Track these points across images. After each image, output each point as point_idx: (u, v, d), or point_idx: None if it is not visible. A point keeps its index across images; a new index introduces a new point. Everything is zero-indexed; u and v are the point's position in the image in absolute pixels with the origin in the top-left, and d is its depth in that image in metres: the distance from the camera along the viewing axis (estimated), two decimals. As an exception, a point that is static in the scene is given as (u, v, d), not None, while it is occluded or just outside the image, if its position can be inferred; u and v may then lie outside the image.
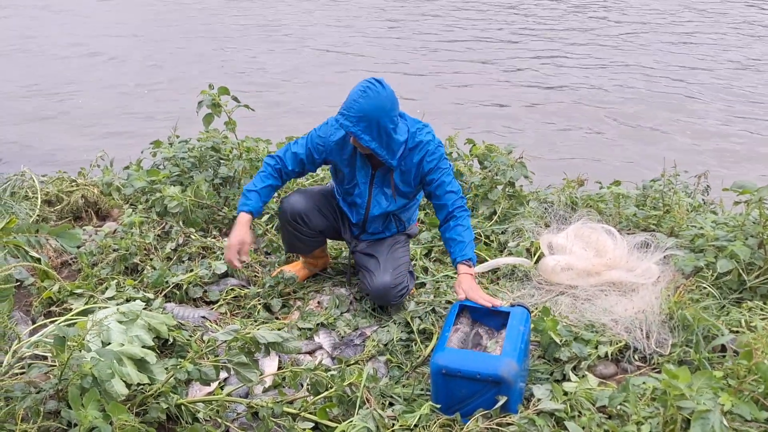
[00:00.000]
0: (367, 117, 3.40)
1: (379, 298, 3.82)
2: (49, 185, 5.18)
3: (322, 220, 3.98)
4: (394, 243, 3.95)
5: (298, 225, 3.93)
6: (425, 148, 3.65)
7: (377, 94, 3.42)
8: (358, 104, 3.40)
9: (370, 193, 3.83)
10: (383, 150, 3.53)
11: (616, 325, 3.53)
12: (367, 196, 3.84)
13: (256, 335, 2.78)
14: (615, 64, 11.45)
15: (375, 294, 3.81)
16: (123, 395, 2.65)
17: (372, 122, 3.42)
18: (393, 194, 3.81)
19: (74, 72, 11.52)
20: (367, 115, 3.40)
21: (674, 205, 4.58)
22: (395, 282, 3.77)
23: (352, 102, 3.42)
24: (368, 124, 3.42)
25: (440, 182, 3.67)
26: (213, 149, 5.10)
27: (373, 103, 3.40)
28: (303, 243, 4.03)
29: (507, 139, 6.40)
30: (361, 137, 3.44)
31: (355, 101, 3.41)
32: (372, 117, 3.41)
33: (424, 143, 3.65)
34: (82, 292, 3.82)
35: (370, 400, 2.96)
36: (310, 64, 11.91)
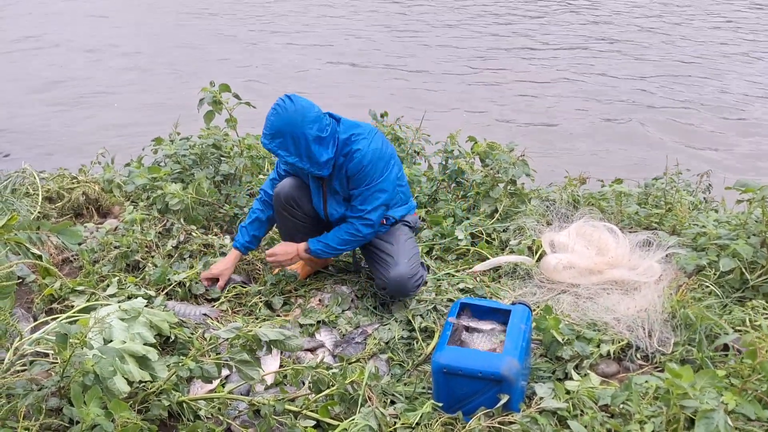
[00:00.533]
0: (280, 133, 3.58)
1: (396, 289, 3.80)
2: (50, 182, 5.17)
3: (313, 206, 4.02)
4: (403, 235, 3.95)
5: (292, 209, 3.97)
6: (354, 156, 3.71)
7: (285, 110, 3.57)
8: (269, 122, 3.60)
9: (325, 201, 3.94)
10: (305, 163, 3.66)
11: (618, 323, 3.53)
12: (322, 204, 3.95)
13: (258, 333, 2.78)
14: (616, 62, 11.42)
15: (392, 285, 3.79)
16: (125, 393, 2.65)
17: (286, 137, 3.58)
18: (339, 200, 3.91)
19: (75, 69, 11.50)
20: (280, 131, 3.57)
21: (676, 203, 4.57)
22: (411, 272, 3.78)
23: (266, 120, 3.61)
24: (282, 139, 3.59)
25: (354, 194, 3.81)
26: (214, 146, 5.09)
27: (282, 120, 3.57)
28: (300, 228, 4.04)
29: (510, 137, 6.38)
30: (278, 152, 3.62)
31: (268, 119, 3.61)
32: (284, 132, 3.57)
33: (353, 152, 3.71)
34: (84, 289, 3.82)
35: (371, 398, 2.96)
36: (312, 62, 11.89)
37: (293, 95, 3.63)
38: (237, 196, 4.84)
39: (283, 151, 3.60)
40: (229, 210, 4.76)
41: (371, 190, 3.75)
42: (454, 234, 4.49)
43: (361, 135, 3.73)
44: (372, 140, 3.74)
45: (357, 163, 3.69)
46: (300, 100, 3.61)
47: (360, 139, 3.72)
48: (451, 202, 4.93)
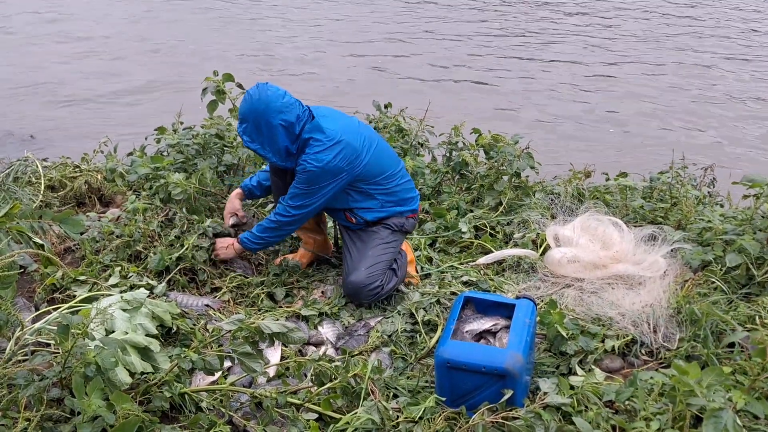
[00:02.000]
0: (245, 118, 3.69)
1: (350, 295, 3.84)
2: (52, 171, 5.15)
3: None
4: (376, 239, 3.90)
5: (276, 179, 4.02)
6: (300, 161, 3.72)
7: (251, 97, 3.67)
8: (241, 107, 3.72)
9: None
10: (267, 151, 3.71)
11: (622, 318, 3.51)
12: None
13: (260, 325, 2.76)
14: (626, 56, 11.39)
15: (345, 290, 3.84)
16: (126, 384, 2.64)
17: (249, 124, 3.68)
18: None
19: (76, 58, 11.48)
20: (245, 116, 3.68)
21: (681, 197, 4.55)
22: (367, 281, 3.75)
23: (242, 103, 3.72)
24: (247, 125, 3.69)
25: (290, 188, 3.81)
26: (217, 136, 5.07)
27: (248, 106, 3.67)
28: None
29: (513, 129, 6.36)
30: (242, 137, 3.74)
31: (241, 105, 3.69)
32: (248, 118, 3.67)
33: (302, 157, 3.71)
34: (86, 279, 3.80)
35: (374, 392, 2.94)
36: (318, 52, 11.87)
37: (264, 84, 3.70)
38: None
39: (246, 136, 3.69)
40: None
41: (302, 189, 3.75)
42: (458, 227, 4.48)
43: (319, 142, 3.67)
44: (325, 151, 3.67)
45: (301, 168, 3.70)
46: (268, 90, 3.65)
47: (314, 145, 3.68)
48: (454, 195, 4.92)
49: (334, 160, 3.67)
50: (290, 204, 3.79)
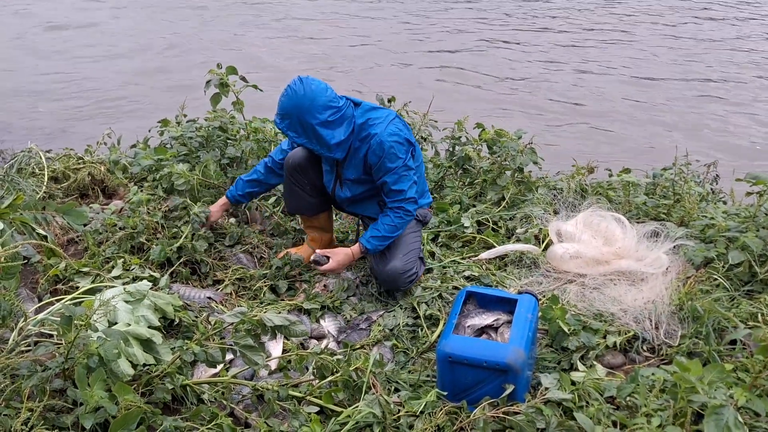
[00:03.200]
0: (288, 115, 3.62)
1: (388, 282, 3.82)
2: (55, 162, 5.16)
3: (321, 177, 4.05)
4: (408, 228, 3.93)
5: (299, 176, 4.01)
6: (370, 141, 3.71)
7: (295, 92, 3.60)
8: (281, 102, 3.65)
9: (335, 184, 3.98)
10: (314, 145, 3.69)
11: (624, 314, 3.51)
12: (332, 184, 3.99)
13: (263, 318, 2.76)
14: (628, 51, 11.37)
15: (383, 278, 3.81)
16: (129, 375, 2.65)
17: (293, 119, 3.62)
18: (349, 183, 3.93)
19: (82, 51, 11.47)
20: (289, 113, 3.62)
21: (684, 194, 4.54)
22: (405, 268, 3.78)
23: (279, 101, 3.63)
24: (291, 121, 3.63)
25: (383, 181, 3.78)
26: (220, 129, 5.06)
27: (291, 102, 3.60)
28: (304, 198, 4.07)
29: (515, 124, 6.35)
30: (287, 133, 3.67)
31: (280, 99, 3.64)
32: (293, 114, 3.61)
33: (371, 136, 3.71)
34: (89, 270, 3.81)
35: (376, 386, 2.95)
36: (322, 46, 11.86)
37: (306, 77, 3.64)
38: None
39: (292, 132, 3.64)
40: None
41: (399, 172, 3.75)
42: (461, 221, 4.48)
43: (377, 119, 3.73)
44: (389, 123, 3.73)
45: (376, 147, 3.69)
46: (311, 83, 3.61)
47: (377, 123, 3.72)
48: (457, 189, 4.92)
49: (403, 129, 3.77)
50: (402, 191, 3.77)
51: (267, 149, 5.25)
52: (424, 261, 4.02)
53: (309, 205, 4.11)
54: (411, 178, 3.80)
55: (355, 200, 4.00)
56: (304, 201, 4.09)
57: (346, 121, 3.69)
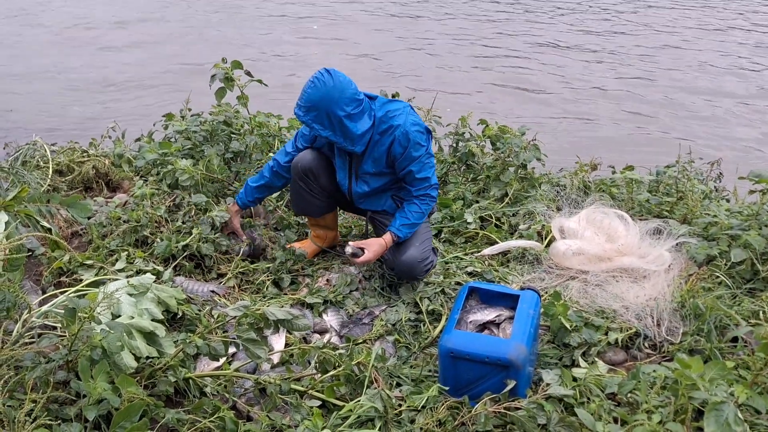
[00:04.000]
0: (315, 107, 3.56)
1: (405, 272, 3.82)
2: (60, 155, 5.17)
3: (331, 180, 4.04)
4: None
5: (308, 180, 3.99)
6: (394, 133, 3.70)
7: (324, 84, 3.55)
8: (306, 94, 3.58)
9: (350, 176, 3.94)
10: (338, 138, 3.65)
11: (626, 311, 3.52)
12: (347, 180, 3.96)
13: (265, 312, 2.77)
14: (634, 49, 11.34)
15: (401, 268, 3.81)
16: (132, 368, 2.66)
17: (321, 111, 3.57)
18: (367, 177, 3.89)
19: (87, 46, 11.47)
20: (316, 105, 3.56)
21: (688, 192, 4.54)
22: (422, 256, 3.79)
23: (303, 92, 3.59)
24: (318, 113, 3.58)
25: (408, 171, 3.76)
26: (225, 123, 5.07)
27: (320, 93, 3.55)
28: (312, 202, 4.07)
29: (519, 120, 6.34)
30: (313, 126, 3.62)
31: (305, 92, 3.58)
32: (320, 107, 3.56)
33: (394, 127, 3.70)
34: (93, 263, 3.82)
35: (377, 380, 2.96)
36: (326, 41, 11.85)
37: (333, 69, 3.61)
38: (247, 173, 4.83)
39: (317, 124, 3.60)
40: (239, 187, 4.74)
41: (423, 160, 3.77)
42: (464, 217, 4.48)
43: (396, 111, 3.74)
44: (408, 114, 3.74)
45: (402, 138, 3.68)
46: (339, 76, 3.59)
47: (397, 115, 3.72)
48: (461, 185, 4.92)
49: (419, 120, 3.79)
50: (427, 177, 3.80)
51: (271, 144, 5.26)
52: (436, 251, 4.03)
53: (316, 207, 4.11)
54: (433, 165, 3.85)
55: (371, 194, 3.97)
56: (312, 203, 4.09)
57: (366, 113, 3.68)
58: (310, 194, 4.03)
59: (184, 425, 2.62)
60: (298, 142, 4.08)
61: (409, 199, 3.84)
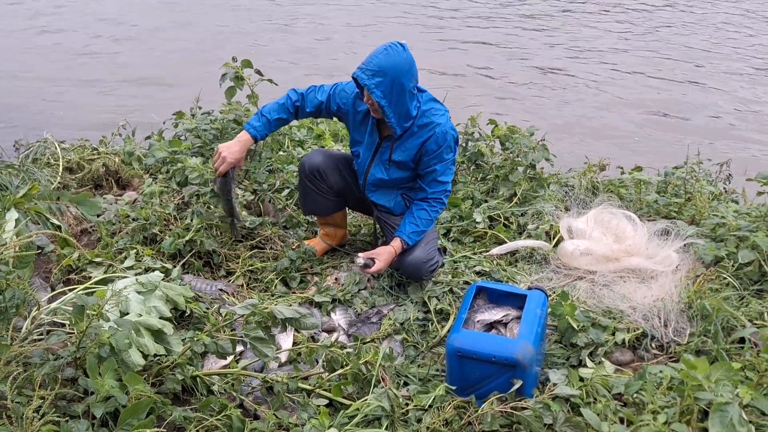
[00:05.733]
0: (383, 72, 3.46)
1: (411, 273, 3.82)
2: (70, 152, 5.20)
3: (339, 179, 4.03)
4: None
5: (316, 180, 3.99)
6: (434, 129, 3.69)
7: (398, 54, 3.48)
8: (377, 59, 3.48)
9: (371, 162, 3.90)
10: (391, 110, 3.57)
11: (633, 312, 3.52)
12: (367, 164, 3.91)
13: (273, 310, 2.78)
14: (639, 50, 11.31)
15: (407, 269, 3.81)
16: (140, 365, 2.67)
17: (386, 79, 3.47)
18: (389, 164, 3.85)
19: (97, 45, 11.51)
20: (384, 71, 3.45)
21: (696, 193, 4.54)
22: (427, 257, 3.78)
23: (372, 57, 3.50)
24: (383, 79, 3.47)
25: (432, 169, 3.77)
26: (235, 122, 5.07)
27: (391, 61, 3.46)
28: (322, 202, 4.07)
29: (529, 120, 6.34)
30: (374, 91, 3.49)
31: (375, 56, 3.49)
32: (388, 74, 3.46)
33: (434, 125, 3.70)
34: (102, 261, 3.84)
35: (385, 379, 2.97)
36: (334, 37, 11.86)
37: (405, 44, 3.57)
38: (257, 172, 4.83)
39: (379, 91, 3.49)
40: (249, 186, 4.75)
41: (448, 165, 3.79)
42: (473, 216, 4.48)
43: (439, 110, 3.75)
44: (448, 117, 3.77)
45: (440, 136, 3.69)
46: (410, 53, 3.56)
47: (439, 114, 3.73)
48: (470, 185, 4.92)
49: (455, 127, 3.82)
50: (445, 182, 3.82)
51: (280, 141, 5.28)
52: (442, 251, 4.03)
53: (325, 207, 4.11)
54: (453, 173, 3.87)
55: (385, 185, 3.94)
56: (321, 203, 4.09)
57: (415, 100, 3.66)
58: (319, 193, 4.03)
59: (191, 423, 2.63)
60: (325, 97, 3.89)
61: (420, 202, 3.84)
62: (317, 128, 5.80)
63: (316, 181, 3.99)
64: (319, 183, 4.00)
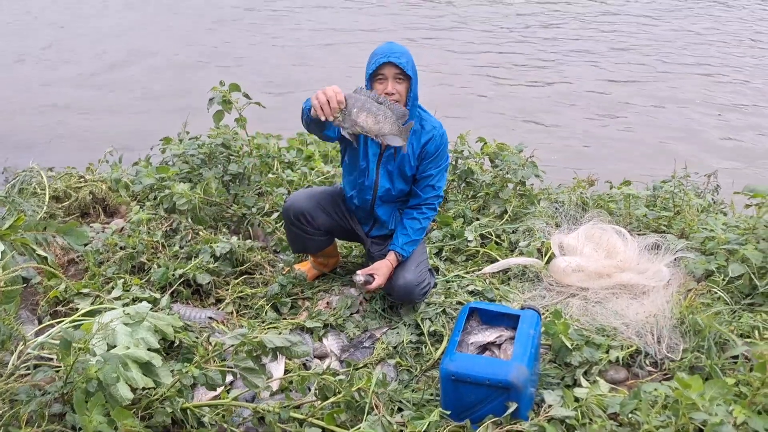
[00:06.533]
0: (405, 53, 3.56)
1: (403, 296, 3.77)
2: (57, 181, 5.17)
3: (326, 219, 3.96)
4: None
5: (302, 224, 3.91)
6: (433, 132, 3.74)
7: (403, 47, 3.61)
8: (393, 46, 3.58)
9: (377, 172, 3.83)
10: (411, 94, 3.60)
11: (627, 329, 3.50)
12: (375, 176, 3.84)
13: (263, 339, 2.75)
14: (628, 63, 11.37)
15: (398, 292, 3.76)
16: (128, 399, 2.63)
17: (410, 58, 3.57)
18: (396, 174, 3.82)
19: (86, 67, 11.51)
20: (405, 52, 3.57)
21: (685, 206, 4.54)
22: (418, 279, 3.75)
23: (391, 46, 3.59)
24: (408, 59, 3.56)
25: (429, 174, 3.78)
26: (223, 146, 5.04)
27: (403, 47, 3.60)
28: (310, 242, 4.00)
29: (517, 137, 6.33)
30: (407, 67, 3.52)
31: (390, 47, 3.58)
32: (408, 54, 3.58)
33: (435, 127, 3.75)
34: (89, 291, 3.80)
35: (378, 406, 2.93)
36: (321, 57, 11.89)
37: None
38: (245, 196, 4.82)
39: (410, 66, 3.55)
40: (237, 210, 4.73)
41: (442, 171, 3.83)
42: (464, 235, 4.46)
43: (432, 118, 3.79)
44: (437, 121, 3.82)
45: (438, 139, 3.74)
46: None
47: (431, 120, 3.78)
48: (460, 203, 4.91)
49: None
50: (440, 188, 3.84)
51: (270, 165, 5.26)
52: (433, 272, 4.00)
53: (314, 246, 4.05)
54: (446, 181, 3.90)
55: (390, 198, 3.90)
56: (310, 243, 4.01)
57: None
58: (306, 235, 3.95)
59: (182, 456, 2.61)
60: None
61: (411, 210, 3.83)
62: (306, 149, 5.78)
63: (303, 226, 3.91)
64: (305, 227, 3.92)
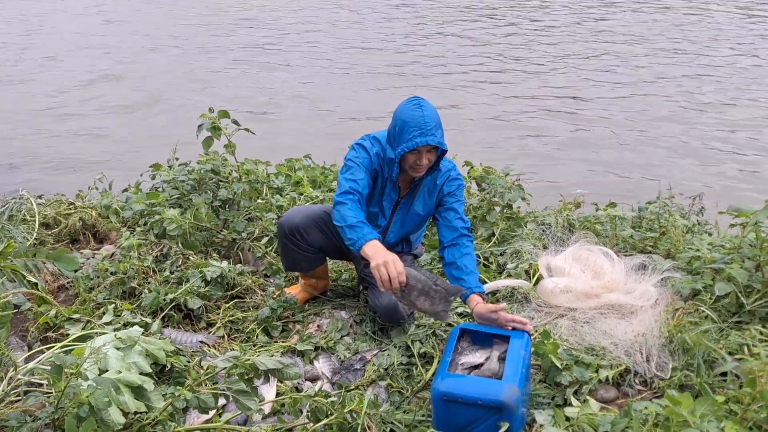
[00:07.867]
0: (438, 122, 3.45)
1: (387, 317, 3.80)
2: (47, 208, 5.18)
3: (320, 237, 3.96)
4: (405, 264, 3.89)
5: (296, 240, 3.92)
6: (449, 173, 3.74)
7: (428, 102, 3.47)
8: (428, 115, 3.42)
9: (391, 219, 3.85)
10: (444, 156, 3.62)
11: (616, 348, 3.52)
12: (387, 222, 3.86)
13: (255, 362, 2.76)
14: (611, 84, 11.48)
15: (383, 314, 3.79)
16: (120, 424, 2.63)
17: (440, 125, 3.46)
18: (411, 218, 3.84)
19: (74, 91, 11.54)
20: (437, 121, 3.44)
21: (670, 226, 4.59)
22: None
23: (422, 117, 3.41)
24: (441, 130, 3.46)
25: (454, 208, 3.74)
26: (212, 172, 5.07)
27: (434, 111, 3.46)
28: (302, 260, 4.01)
29: (503, 161, 6.39)
30: (443, 144, 3.46)
31: (425, 115, 3.41)
32: (439, 120, 3.45)
33: (449, 168, 3.75)
34: (80, 317, 3.80)
35: (371, 427, 2.94)
36: (310, 82, 11.96)
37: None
38: (235, 221, 4.83)
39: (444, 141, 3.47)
40: (227, 235, 4.74)
41: (462, 202, 3.79)
42: (452, 258, 4.48)
43: (447, 160, 3.78)
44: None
45: (455, 177, 3.76)
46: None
47: (448, 163, 3.78)
48: (448, 226, 4.94)
49: None
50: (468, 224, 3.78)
51: (259, 190, 5.28)
52: None
53: (307, 264, 4.05)
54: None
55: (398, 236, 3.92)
56: (302, 261, 4.02)
57: None
58: (299, 252, 3.96)
59: (175, 480, 2.60)
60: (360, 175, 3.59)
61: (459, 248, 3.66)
62: (295, 175, 5.82)
63: (296, 241, 3.92)
64: (299, 242, 3.93)
